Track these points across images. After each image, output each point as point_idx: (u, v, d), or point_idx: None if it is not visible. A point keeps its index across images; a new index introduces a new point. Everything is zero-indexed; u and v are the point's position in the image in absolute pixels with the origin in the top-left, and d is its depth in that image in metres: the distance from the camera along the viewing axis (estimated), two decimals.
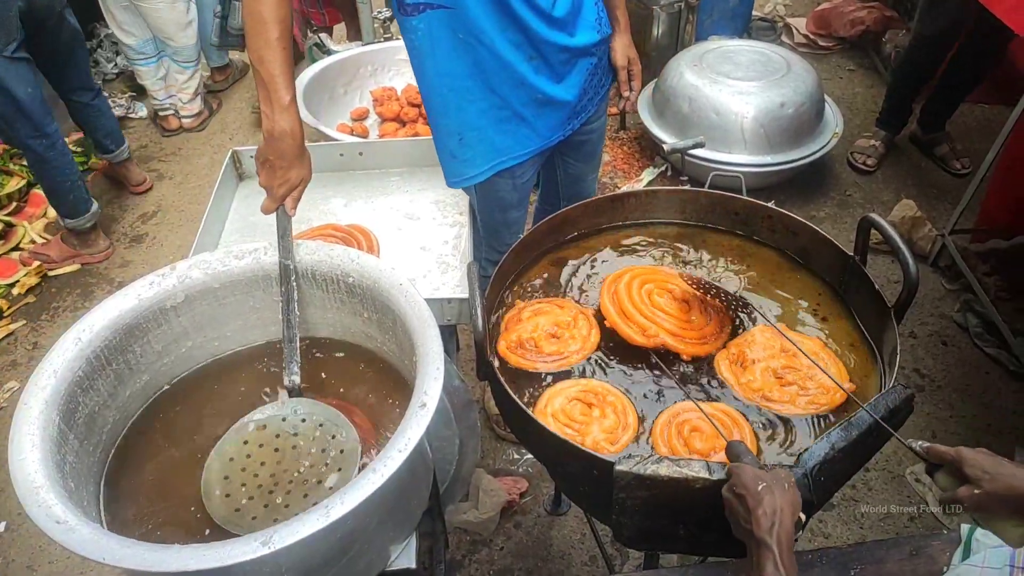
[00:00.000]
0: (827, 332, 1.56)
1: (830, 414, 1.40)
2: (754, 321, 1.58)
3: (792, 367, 1.47)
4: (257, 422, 1.38)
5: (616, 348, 1.54)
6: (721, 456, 1.32)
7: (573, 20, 1.81)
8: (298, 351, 1.46)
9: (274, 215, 1.51)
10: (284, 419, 1.38)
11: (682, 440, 1.35)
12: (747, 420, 1.38)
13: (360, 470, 1.30)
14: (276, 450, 1.34)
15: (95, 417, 1.32)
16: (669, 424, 1.38)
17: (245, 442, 1.35)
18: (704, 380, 1.48)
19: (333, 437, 1.34)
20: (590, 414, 1.39)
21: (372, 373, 1.51)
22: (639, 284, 1.59)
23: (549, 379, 1.49)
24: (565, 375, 1.49)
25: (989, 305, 2.80)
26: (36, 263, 3.36)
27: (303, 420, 1.38)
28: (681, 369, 1.50)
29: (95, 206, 3.35)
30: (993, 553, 1.22)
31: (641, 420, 1.40)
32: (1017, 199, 3.01)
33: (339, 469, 1.30)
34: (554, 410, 1.40)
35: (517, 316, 1.59)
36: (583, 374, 1.50)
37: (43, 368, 1.25)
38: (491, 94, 1.78)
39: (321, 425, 1.37)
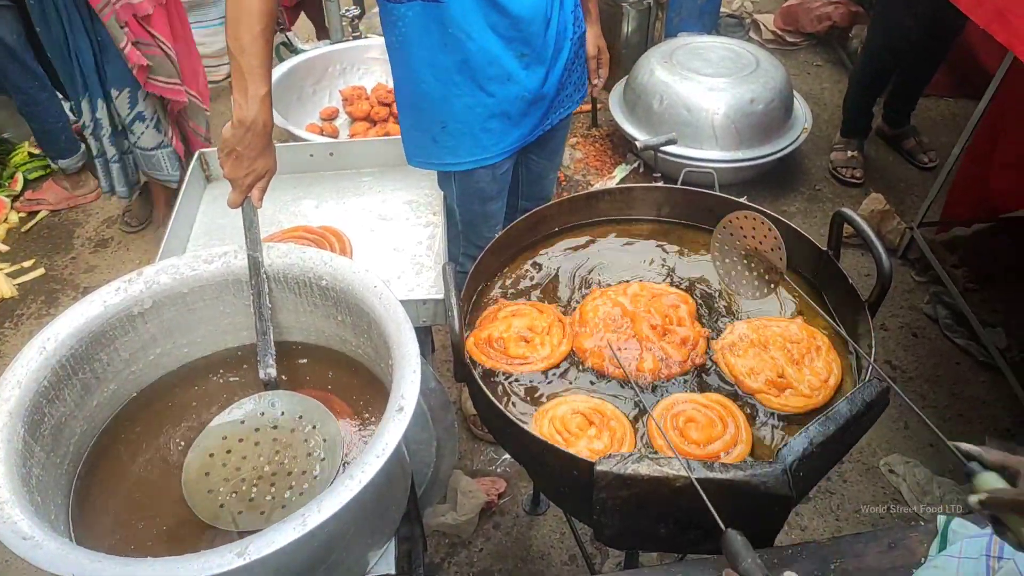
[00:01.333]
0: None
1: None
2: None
3: (783, 348, 1.47)
4: (235, 418, 1.36)
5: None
6: (717, 447, 1.31)
7: (558, 14, 1.83)
8: (272, 343, 1.44)
9: (239, 209, 1.49)
10: (263, 413, 1.36)
11: (678, 431, 1.35)
12: (739, 408, 1.39)
13: (344, 459, 1.30)
14: (257, 444, 1.32)
15: (62, 428, 1.29)
16: (663, 417, 1.37)
17: (224, 438, 1.33)
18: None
19: (314, 428, 1.33)
20: (586, 431, 1.35)
21: (347, 377, 1.49)
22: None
23: (518, 379, 1.48)
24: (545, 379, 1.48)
25: (958, 297, 2.84)
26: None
27: (282, 413, 1.36)
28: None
29: (83, 147, 3.50)
30: (969, 543, 1.23)
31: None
32: (978, 189, 3.06)
33: (323, 459, 1.28)
34: (554, 415, 1.37)
35: (493, 315, 1.58)
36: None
37: (6, 379, 1.21)
38: (479, 91, 1.79)
39: (300, 417, 1.35)
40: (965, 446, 1.05)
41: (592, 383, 1.47)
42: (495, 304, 1.61)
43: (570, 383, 1.47)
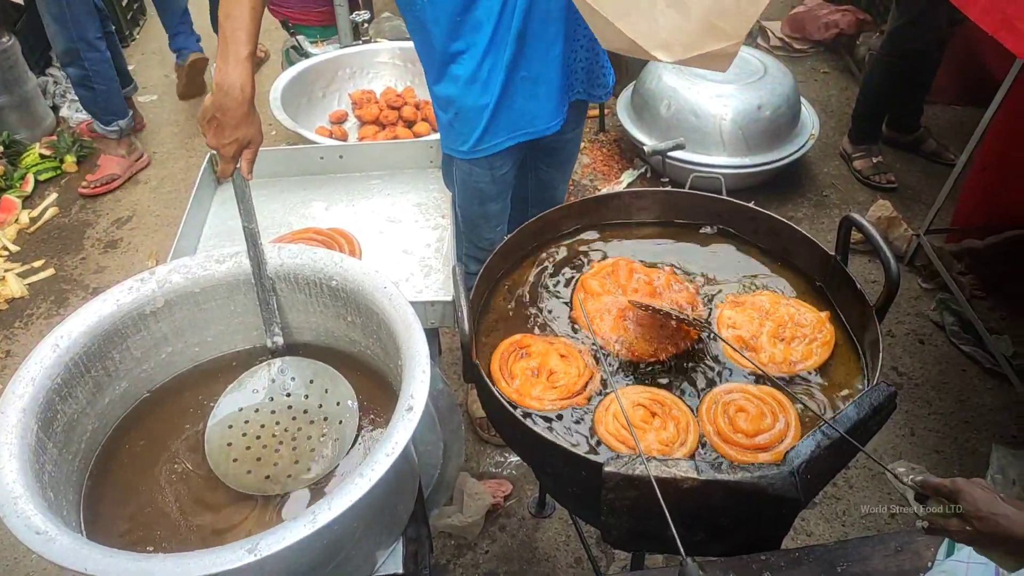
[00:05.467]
0: None
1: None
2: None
3: (781, 323, 1.53)
4: (247, 388, 1.39)
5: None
6: (765, 439, 1.33)
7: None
8: (276, 311, 1.46)
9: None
10: (273, 380, 1.38)
11: (727, 419, 1.36)
12: (792, 401, 1.40)
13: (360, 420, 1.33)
14: (273, 412, 1.35)
15: (74, 425, 1.30)
16: (714, 404, 1.39)
17: (240, 409, 1.35)
18: (727, 375, 1.49)
19: (326, 391, 1.35)
20: (651, 422, 1.36)
21: (356, 378, 1.49)
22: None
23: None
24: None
25: (965, 304, 2.84)
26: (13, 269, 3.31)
27: (292, 379, 1.39)
28: (701, 371, 1.51)
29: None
30: None
31: (703, 444, 1.36)
32: (990, 199, 3.06)
33: (340, 422, 1.31)
34: (616, 411, 1.37)
35: (550, 340, 1.55)
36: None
37: (20, 376, 1.23)
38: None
39: (311, 381, 1.37)
40: (909, 478, 1.12)
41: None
42: (569, 336, 1.59)
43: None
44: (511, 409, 1.33)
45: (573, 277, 1.71)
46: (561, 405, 1.43)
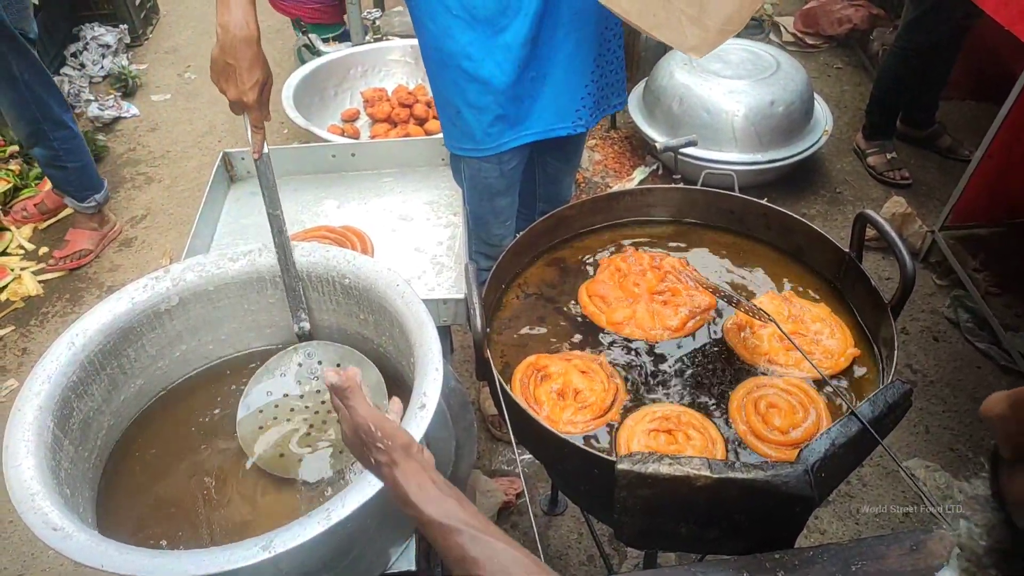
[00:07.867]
0: None
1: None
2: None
3: (799, 332, 1.50)
4: (275, 372, 1.41)
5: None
6: (799, 434, 1.32)
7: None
8: (303, 297, 1.47)
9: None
10: (300, 364, 1.40)
11: (760, 416, 1.36)
12: (820, 393, 1.40)
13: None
14: (301, 396, 1.37)
15: (90, 422, 1.31)
16: (744, 402, 1.39)
17: (269, 393, 1.36)
18: (714, 350, 1.51)
19: None
20: (676, 441, 1.34)
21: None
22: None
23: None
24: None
25: (980, 301, 2.81)
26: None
27: (319, 363, 1.40)
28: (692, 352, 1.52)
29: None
30: None
31: (739, 445, 1.36)
32: (995, 188, 3.03)
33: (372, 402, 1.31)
34: (640, 447, 1.34)
35: (568, 356, 1.51)
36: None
37: (36, 374, 1.24)
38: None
39: (338, 364, 1.39)
40: None
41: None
42: (593, 351, 1.55)
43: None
44: (522, 405, 1.33)
45: (581, 279, 1.71)
46: (597, 424, 1.40)
